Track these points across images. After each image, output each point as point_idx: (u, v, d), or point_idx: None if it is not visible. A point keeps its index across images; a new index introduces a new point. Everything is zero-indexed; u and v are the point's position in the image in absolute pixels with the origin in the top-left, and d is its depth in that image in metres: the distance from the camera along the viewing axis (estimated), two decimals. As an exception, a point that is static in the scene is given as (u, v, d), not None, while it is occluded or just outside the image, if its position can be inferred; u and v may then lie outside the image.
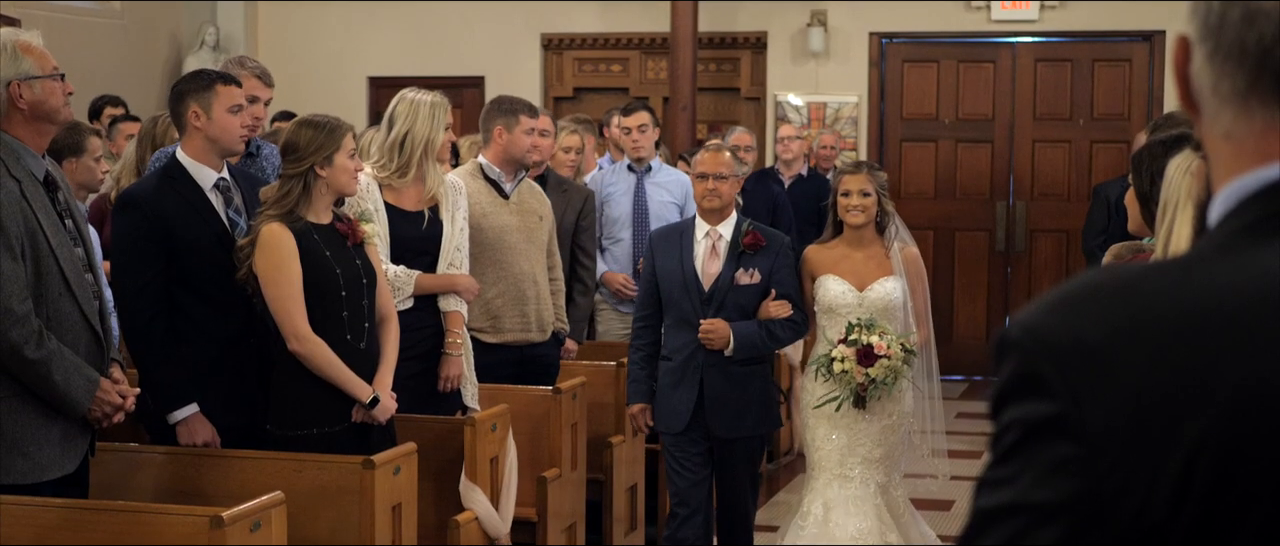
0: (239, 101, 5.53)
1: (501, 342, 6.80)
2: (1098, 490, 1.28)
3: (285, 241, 5.34)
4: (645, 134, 8.72)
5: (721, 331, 6.24)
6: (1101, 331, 1.31)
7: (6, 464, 4.68)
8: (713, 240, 6.38)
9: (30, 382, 4.70)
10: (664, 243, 6.47)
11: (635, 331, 6.56)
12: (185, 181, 5.49)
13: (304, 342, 5.34)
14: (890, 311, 6.40)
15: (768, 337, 6.34)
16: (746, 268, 6.32)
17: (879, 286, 6.41)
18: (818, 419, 6.44)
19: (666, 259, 6.40)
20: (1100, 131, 13.00)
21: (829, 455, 6.43)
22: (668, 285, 6.37)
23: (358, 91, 14.16)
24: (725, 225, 6.40)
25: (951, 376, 13.14)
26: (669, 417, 6.38)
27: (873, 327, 6.25)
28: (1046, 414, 1.30)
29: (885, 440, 6.44)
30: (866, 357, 6.21)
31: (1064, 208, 12.99)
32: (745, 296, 6.31)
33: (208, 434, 5.41)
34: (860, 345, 6.23)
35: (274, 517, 4.67)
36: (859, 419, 6.39)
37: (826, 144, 11.83)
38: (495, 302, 6.75)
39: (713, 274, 6.33)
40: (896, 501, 6.50)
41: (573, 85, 14.09)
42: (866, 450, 6.41)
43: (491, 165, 6.89)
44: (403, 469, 5.38)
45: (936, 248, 13.33)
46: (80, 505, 4.77)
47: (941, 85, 13.33)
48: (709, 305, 6.29)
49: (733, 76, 13.83)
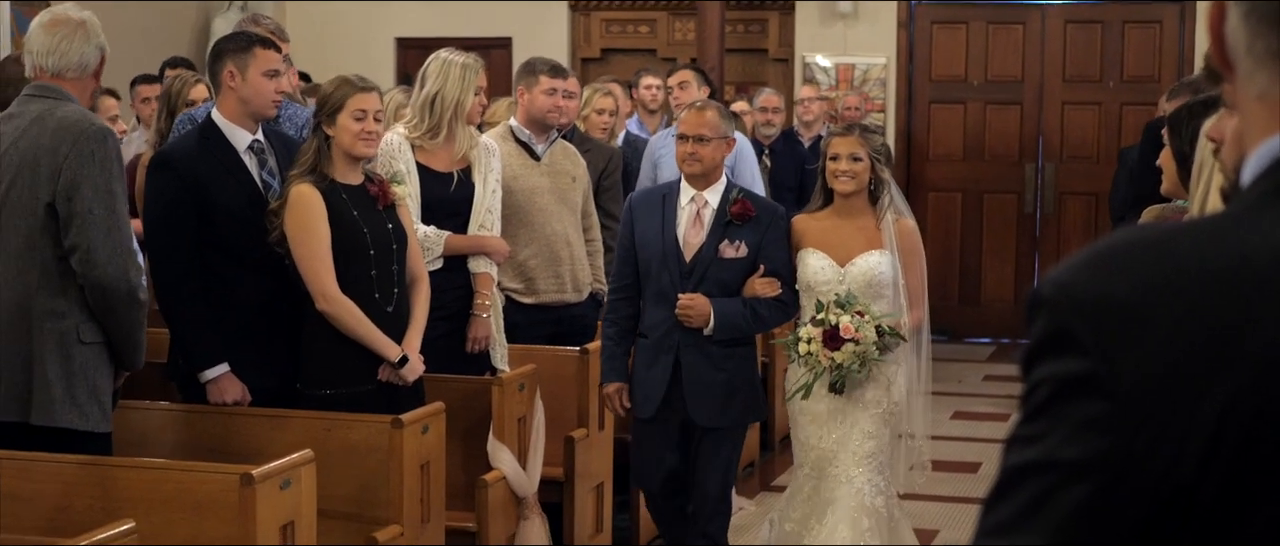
0: (276, 66, 5.55)
1: (537, 303, 6.80)
2: (1127, 448, 1.28)
3: (313, 202, 5.37)
4: (686, 91, 8.68)
5: (700, 308, 5.69)
6: (1133, 289, 1.31)
7: (86, 410, 4.82)
8: (697, 207, 5.81)
9: (123, 326, 4.89)
10: (644, 207, 5.90)
11: (610, 304, 6.03)
12: (220, 142, 5.52)
13: (331, 302, 5.37)
14: (875, 289, 5.75)
15: (752, 318, 5.78)
16: (733, 239, 5.75)
17: (862, 261, 5.76)
18: (805, 416, 5.84)
19: (646, 226, 5.83)
20: (1130, 93, 12.93)
21: (816, 451, 5.84)
22: (646, 255, 5.81)
23: (385, 53, 14.15)
24: (712, 191, 5.82)
25: (979, 339, 13.14)
26: (641, 400, 5.86)
27: (848, 306, 5.62)
28: (1077, 371, 1.30)
29: (877, 433, 5.80)
30: (832, 340, 5.59)
31: (1093, 170, 12.93)
32: (729, 271, 5.75)
33: (238, 392, 5.44)
34: (827, 325, 5.61)
35: (303, 476, 4.70)
36: (849, 414, 5.77)
37: (851, 105, 11.80)
38: (528, 263, 6.76)
39: (695, 245, 5.77)
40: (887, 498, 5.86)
41: (600, 46, 14.07)
42: (856, 445, 5.79)
43: (521, 127, 6.90)
44: (431, 428, 5.40)
45: (964, 210, 13.30)
46: (111, 462, 4.82)
47: (970, 47, 13.27)
48: (689, 279, 5.73)
49: (761, 37, 13.79)
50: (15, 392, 4.78)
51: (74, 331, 4.80)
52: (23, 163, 4.79)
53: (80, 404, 4.80)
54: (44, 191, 4.77)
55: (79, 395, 4.79)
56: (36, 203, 4.77)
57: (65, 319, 4.78)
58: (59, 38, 4.92)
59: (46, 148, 4.78)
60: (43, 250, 4.77)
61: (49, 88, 4.93)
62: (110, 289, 4.78)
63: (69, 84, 4.95)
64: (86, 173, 4.74)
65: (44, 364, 4.74)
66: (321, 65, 11.79)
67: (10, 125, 4.88)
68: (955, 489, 8.26)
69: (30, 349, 4.76)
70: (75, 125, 4.83)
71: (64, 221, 4.75)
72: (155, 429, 5.50)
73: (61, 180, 4.75)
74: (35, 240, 4.77)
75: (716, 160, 5.82)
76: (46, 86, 4.93)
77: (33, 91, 4.94)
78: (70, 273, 4.78)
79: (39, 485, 4.75)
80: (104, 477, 4.72)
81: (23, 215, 4.78)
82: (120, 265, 4.78)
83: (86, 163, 4.75)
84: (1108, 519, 1.29)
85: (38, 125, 4.82)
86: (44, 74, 4.95)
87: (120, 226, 4.81)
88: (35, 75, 4.97)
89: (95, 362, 4.85)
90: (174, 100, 7.29)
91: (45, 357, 4.75)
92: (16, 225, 4.79)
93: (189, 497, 4.60)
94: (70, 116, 4.89)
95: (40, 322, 4.76)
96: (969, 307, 13.29)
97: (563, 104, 6.96)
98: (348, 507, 5.25)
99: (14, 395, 4.78)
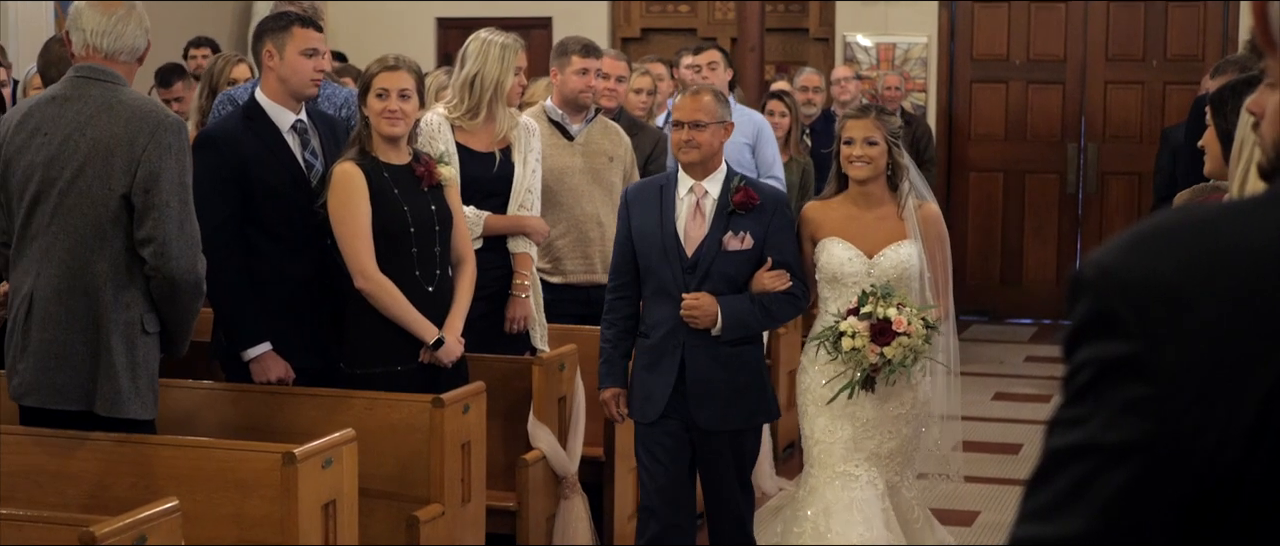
0: (313, 46, 5.56)
1: (565, 283, 6.81)
2: (1171, 431, 1.28)
3: (355, 180, 5.40)
4: (716, 71, 8.65)
5: (707, 308, 5.33)
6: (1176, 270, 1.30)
7: (146, 399, 4.84)
8: (697, 198, 5.45)
9: (183, 317, 4.89)
10: (640, 200, 5.53)
11: (608, 304, 5.61)
12: (263, 122, 5.54)
13: (370, 281, 5.39)
14: (905, 282, 5.43)
15: (762, 315, 5.44)
16: (736, 230, 5.39)
17: (892, 252, 5.44)
18: (818, 407, 5.51)
19: (644, 219, 5.47)
20: (1173, 73, 12.84)
21: (829, 450, 5.49)
22: (645, 249, 5.44)
23: (426, 33, 14.16)
24: (712, 180, 5.46)
25: (1021, 319, 13.09)
26: (643, 405, 5.47)
27: (891, 298, 5.29)
28: (1120, 353, 1.30)
29: (898, 432, 5.48)
30: (882, 334, 5.25)
31: (1136, 150, 12.85)
32: (734, 264, 5.40)
33: (281, 370, 5.47)
34: (875, 318, 5.27)
35: (345, 455, 4.72)
36: (867, 408, 5.44)
37: (891, 85, 11.75)
38: (557, 243, 6.76)
39: (697, 238, 5.41)
40: (907, 504, 5.57)
41: (640, 26, 14.05)
42: (875, 444, 5.46)
43: (555, 107, 6.91)
44: (472, 407, 5.42)
45: (1006, 190, 13.24)
46: (153, 440, 4.85)
47: (1012, 25, 13.20)
48: (692, 274, 5.38)
49: (801, 17, 13.75)
50: (80, 381, 4.74)
51: (139, 322, 4.78)
52: (93, 151, 4.72)
53: (143, 394, 4.80)
54: (118, 182, 4.71)
55: (141, 385, 4.79)
56: (110, 193, 4.71)
57: (131, 309, 4.76)
58: (114, 19, 4.85)
59: (122, 138, 4.72)
60: (113, 240, 4.73)
61: (103, 70, 4.84)
62: (180, 281, 4.76)
63: (120, 68, 4.88)
64: (165, 165, 4.71)
65: (111, 354, 4.71)
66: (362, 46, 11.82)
67: (70, 109, 4.79)
68: (996, 470, 8.23)
69: (98, 338, 4.72)
70: (150, 115, 4.78)
71: (140, 213, 4.71)
72: (199, 408, 5.53)
73: (140, 172, 4.69)
74: (106, 230, 4.72)
75: (715, 147, 5.46)
76: (100, 69, 4.84)
77: (86, 73, 4.84)
78: (138, 263, 4.75)
79: (82, 463, 4.78)
80: (146, 456, 4.76)
81: (93, 204, 4.72)
82: (191, 258, 4.77)
83: (165, 155, 4.71)
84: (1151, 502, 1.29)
85: (108, 113, 4.75)
86: (96, 55, 4.85)
87: (191, 219, 4.80)
88: (86, 55, 4.86)
89: (153, 352, 4.86)
90: (215, 79, 7.33)
91: (113, 348, 4.72)
92: (85, 213, 4.73)
93: (231, 476, 4.63)
94: (143, 106, 4.86)
95: (109, 313, 4.73)
96: (1010, 288, 13.24)
97: (595, 84, 6.94)
98: (389, 486, 5.28)
99: (78, 383, 4.74)
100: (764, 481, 7.65)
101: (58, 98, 4.85)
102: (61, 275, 4.73)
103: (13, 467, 4.81)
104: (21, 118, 4.86)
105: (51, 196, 4.74)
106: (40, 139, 4.77)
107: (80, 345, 4.72)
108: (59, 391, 4.74)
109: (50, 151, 4.75)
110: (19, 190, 4.80)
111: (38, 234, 4.77)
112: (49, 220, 4.74)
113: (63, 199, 4.73)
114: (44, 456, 4.81)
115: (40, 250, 4.76)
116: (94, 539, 3.80)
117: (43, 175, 4.75)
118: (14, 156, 4.81)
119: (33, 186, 4.76)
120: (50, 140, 4.76)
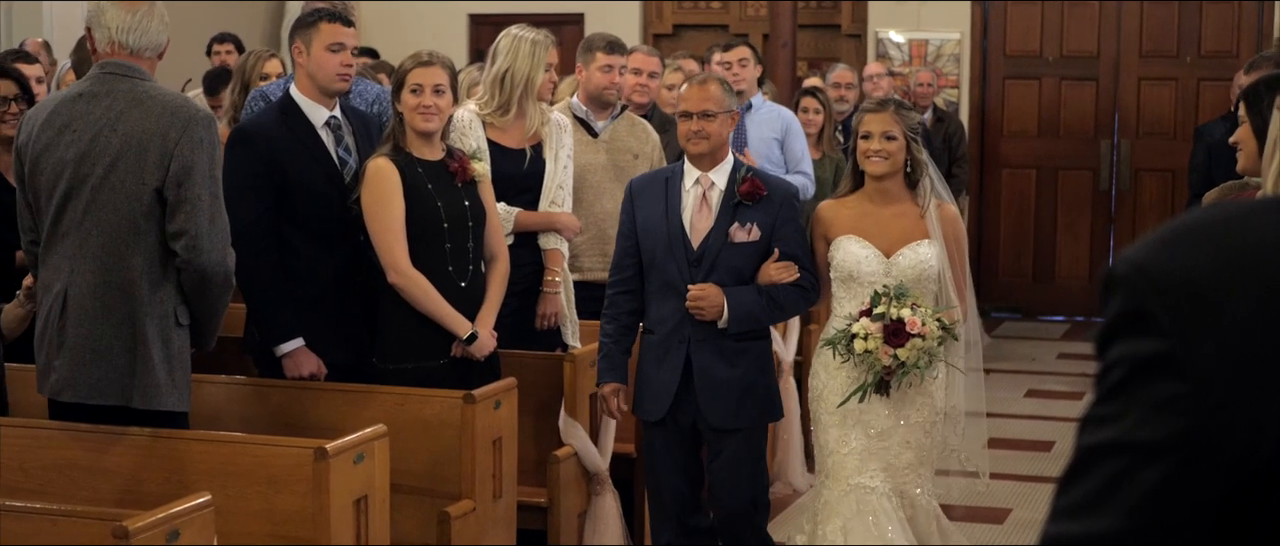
0: (340, 40, 5.58)
1: (582, 280, 6.79)
2: (1205, 428, 1.27)
3: (388, 175, 5.41)
4: (746, 68, 8.65)
5: (714, 299, 5.23)
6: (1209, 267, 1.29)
7: (182, 392, 4.87)
8: (703, 189, 5.36)
9: (212, 309, 4.92)
10: (645, 192, 5.43)
11: (609, 298, 5.50)
12: (298, 118, 5.57)
13: (403, 276, 5.41)
14: (923, 283, 5.24)
15: (770, 307, 5.31)
16: (743, 222, 5.28)
17: (910, 252, 5.25)
18: (831, 415, 5.32)
19: (648, 211, 5.36)
20: (1207, 69, 12.78)
21: (843, 462, 5.29)
22: (649, 243, 5.34)
23: (458, 29, 14.19)
24: (718, 171, 5.36)
25: (1053, 316, 13.04)
26: (648, 402, 5.39)
27: (904, 298, 5.12)
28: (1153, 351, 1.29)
29: (914, 442, 5.28)
30: (896, 336, 5.07)
31: (1170, 147, 12.79)
32: (741, 256, 5.29)
33: (313, 366, 5.49)
34: (888, 319, 5.09)
35: (377, 450, 4.73)
36: (882, 418, 5.24)
37: (923, 81, 11.72)
38: (575, 241, 6.75)
39: (703, 230, 5.31)
40: (927, 514, 5.35)
41: (672, 22, 14.04)
42: (892, 455, 5.26)
43: (579, 104, 6.91)
44: (503, 403, 5.42)
45: (1039, 187, 13.20)
46: (185, 435, 4.86)
47: (1045, 21, 13.15)
48: (698, 267, 5.27)
49: (833, 13, 13.72)
50: (116, 376, 4.76)
51: (173, 315, 4.81)
52: (126, 146, 4.74)
53: (179, 386, 4.83)
54: (152, 176, 4.74)
55: (177, 377, 4.82)
56: (143, 187, 4.74)
57: (166, 303, 4.79)
58: (139, 16, 4.89)
59: (154, 132, 4.74)
60: (147, 234, 4.75)
61: (129, 66, 4.88)
62: (211, 274, 4.79)
63: (145, 63, 4.92)
64: (197, 159, 4.74)
65: (148, 347, 4.74)
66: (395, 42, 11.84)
67: (99, 105, 4.81)
68: (1028, 468, 8.21)
69: (134, 333, 4.74)
70: (182, 109, 4.81)
71: (172, 206, 4.73)
72: (231, 403, 5.55)
73: (173, 166, 4.72)
74: (140, 224, 4.74)
75: (723, 137, 5.36)
76: (127, 65, 4.88)
77: (113, 69, 4.87)
78: (170, 256, 4.77)
79: (114, 458, 4.81)
80: (178, 451, 4.77)
81: (127, 198, 4.74)
82: (221, 251, 4.81)
83: (197, 149, 4.74)
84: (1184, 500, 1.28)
85: (138, 108, 4.78)
86: (122, 51, 4.89)
87: (222, 212, 4.83)
88: (111, 51, 4.89)
89: (186, 344, 4.89)
90: (247, 75, 7.35)
91: (150, 341, 4.74)
92: (118, 207, 4.75)
93: (263, 471, 4.64)
94: (174, 100, 4.90)
95: (145, 307, 4.75)
96: (1043, 285, 13.20)
97: (619, 80, 6.93)
98: (420, 482, 5.29)
99: (115, 378, 4.76)
100: (795, 477, 7.64)
101: (86, 94, 4.86)
102: (97, 271, 4.75)
103: (47, 462, 4.84)
104: (48, 115, 4.87)
105: (84, 193, 4.75)
106: (69, 136, 4.79)
107: (117, 340, 4.74)
108: (96, 387, 4.76)
109: (81, 148, 4.77)
110: (48, 188, 4.81)
111: (70, 230, 4.79)
112: (82, 216, 4.76)
113: (96, 195, 4.74)
114: (78, 451, 4.83)
115: (73, 246, 4.78)
116: (127, 533, 3.81)
117: (74, 172, 4.77)
118: (41, 154, 4.82)
119: (63, 183, 4.78)
120: (80, 136, 4.78)
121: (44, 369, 4.86)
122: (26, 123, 4.94)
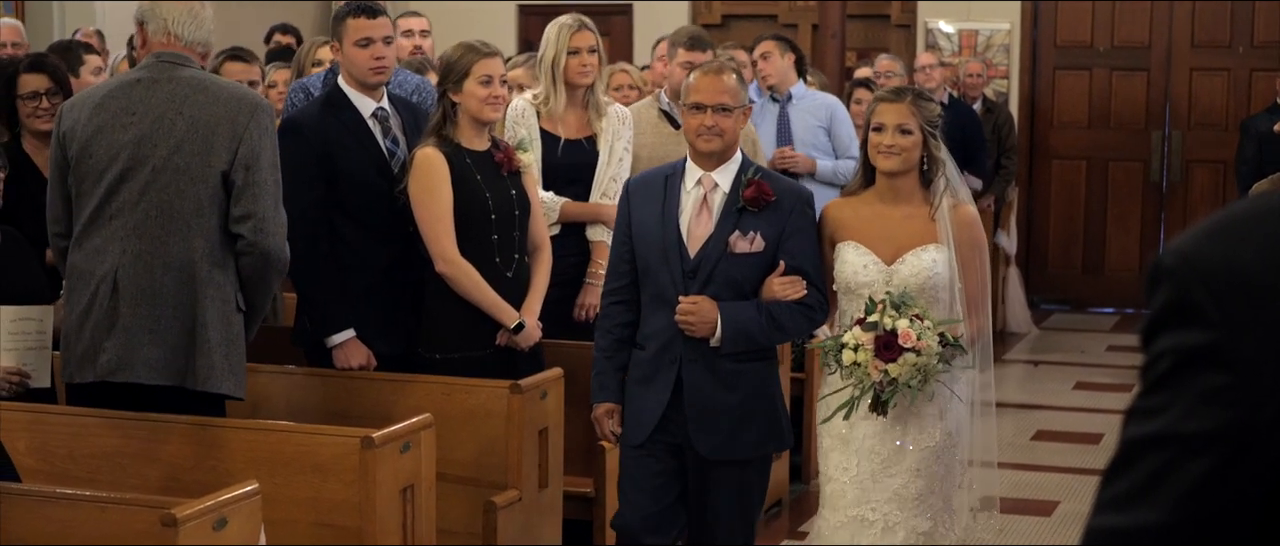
0: (366, 35, 5.59)
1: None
2: (1251, 420, 1.26)
3: (437, 165, 5.43)
4: (769, 62, 8.64)
5: (705, 313, 4.66)
6: (1257, 259, 1.28)
7: (238, 377, 4.90)
8: (705, 190, 4.78)
9: (266, 295, 4.99)
10: (642, 193, 4.86)
11: (603, 310, 5.00)
12: (346, 109, 5.60)
13: (451, 265, 5.42)
14: (929, 292, 4.66)
15: (769, 326, 4.71)
16: (746, 230, 4.71)
17: (913, 258, 4.67)
18: (831, 439, 4.77)
19: (644, 213, 4.81)
20: (1260, 60, 12.67)
21: (841, 490, 4.74)
22: (644, 249, 4.79)
23: (507, 20, 14.20)
24: (723, 172, 4.78)
25: (1103, 308, 12.97)
26: (629, 425, 4.85)
27: (905, 307, 4.54)
28: (1200, 342, 1.28)
29: (925, 469, 4.68)
30: (887, 349, 4.48)
31: (1221, 138, 12.70)
32: (742, 268, 4.72)
33: (363, 357, 5.51)
34: (880, 330, 4.51)
35: (423, 440, 4.75)
36: (887, 442, 4.67)
37: (973, 72, 11.67)
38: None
39: (701, 237, 4.74)
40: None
41: (721, 13, 14.01)
42: (899, 484, 4.67)
43: (664, 96, 6.98)
44: (549, 393, 5.43)
45: (1089, 178, 13.13)
46: (232, 424, 4.89)
47: (1096, 12, 13.07)
48: (693, 278, 4.70)
49: (883, 4, 13.67)
50: (175, 357, 4.78)
51: (233, 299, 4.85)
52: (192, 129, 4.80)
53: (235, 371, 4.85)
54: (219, 160, 4.79)
55: (234, 362, 4.85)
56: (210, 170, 4.79)
57: (226, 287, 4.83)
58: (193, 12, 4.99)
59: (222, 116, 4.81)
60: (210, 217, 4.80)
61: (184, 57, 4.95)
62: (273, 258, 4.85)
63: (197, 58, 5.00)
64: (263, 145, 4.83)
65: (207, 330, 4.76)
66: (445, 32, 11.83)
67: (160, 90, 4.86)
68: (1076, 460, 8.18)
69: (194, 315, 4.77)
70: (247, 96, 4.92)
71: (238, 190, 4.79)
72: (280, 392, 5.58)
73: (241, 150, 4.80)
74: (204, 207, 4.79)
75: (737, 134, 4.82)
76: (182, 56, 4.95)
77: (169, 58, 4.93)
78: (231, 241, 4.82)
79: (161, 445, 4.83)
80: (225, 439, 4.80)
81: (193, 181, 4.79)
82: (283, 237, 4.88)
83: (263, 135, 4.84)
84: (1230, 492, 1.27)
85: (203, 93, 4.85)
86: (177, 43, 4.95)
87: (281, 200, 4.91)
88: (167, 42, 4.95)
89: (243, 330, 4.93)
90: (302, 63, 7.41)
91: (209, 324, 4.77)
92: (184, 190, 4.79)
93: (310, 460, 4.66)
94: (237, 87, 5.02)
95: (206, 289, 4.78)
96: (1093, 277, 13.13)
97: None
98: (466, 471, 5.30)
99: (173, 359, 4.78)
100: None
101: (144, 80, 4.91)
102: (153, 251, 4.78)
103: (94, 450, 4.87)
104: (101, 99, 4.90)
105: (142, 174, 4.79)
106: (127, 119, 4.83)
107: (175, 320, 4.76)
108: (152, 367, 4.78)
109: (141, 130, 4.81)
110: (98, 171, 4.83)
111: (120, 212, 4.81)
112: (138, 198, 4.79)
113: (156, 176, 4.78)
114: (125, 440, 4.86)
115: (124, 228, 4.79)
116: (175, 521, 3.84)
117: (133, 153, 4.80)
118: (92, 137, 4.84)
119: (118, 165, 4.81)
120: (141, 120, 4.82)
121: (88, 352, 4.82)
122: (70, 110, 4.96)
